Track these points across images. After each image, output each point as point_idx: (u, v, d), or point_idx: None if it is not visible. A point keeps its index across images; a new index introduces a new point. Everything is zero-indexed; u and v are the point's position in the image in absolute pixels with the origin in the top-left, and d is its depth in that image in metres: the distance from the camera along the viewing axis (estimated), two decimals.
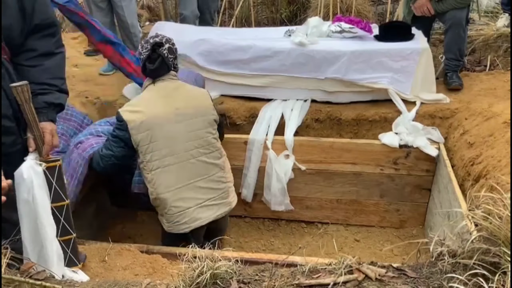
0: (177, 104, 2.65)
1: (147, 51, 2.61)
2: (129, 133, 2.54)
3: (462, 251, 1.24)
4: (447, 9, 3.68)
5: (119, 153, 2.63)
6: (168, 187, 2.62)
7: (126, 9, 4.09)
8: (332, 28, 3.73)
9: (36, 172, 1.69)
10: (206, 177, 2.72)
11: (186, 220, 2.65)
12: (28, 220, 1.70)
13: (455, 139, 3.24)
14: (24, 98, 1.71)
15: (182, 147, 2.64)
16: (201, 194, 2.70)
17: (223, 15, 5.80)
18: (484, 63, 4.44)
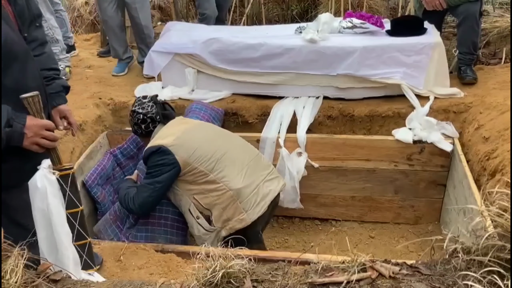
0: (191, 121, 2.85)
1: (153, 105, 2.77)
2: (172, 154, 2.55)
3: (476, 248, 1.23)
4: (460, 2, 3.62)
5: (157, 195, 2.62)
6: (235, 177, 2.65)
7: (140, 12, 4.10)
8: (343, 24, 3.70)
9: (50, 180, 1.71)
10: (256, 155, 2.85)
11: (261, 196, 2.69)
12: (43, 228, 1.73)
13: (470, 133, 3.20)
14: (35, 108, 1.71)
15: (220, 142, 2.74)
16: (260, 171, 2.77)
17: (234, 14, 5.80)
18: (499, 55, 4.37)
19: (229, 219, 2.63)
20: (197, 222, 2.64)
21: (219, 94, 3.79)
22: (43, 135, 1.72)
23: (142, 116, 2.75)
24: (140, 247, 2.46)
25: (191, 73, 3.80)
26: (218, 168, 2.61)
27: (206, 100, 3.76)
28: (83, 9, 6.39)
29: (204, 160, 2.59)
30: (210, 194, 2.61)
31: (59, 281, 1.47)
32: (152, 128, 2.77)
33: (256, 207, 2.66)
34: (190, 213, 2.66)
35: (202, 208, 2.64)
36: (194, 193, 2.63)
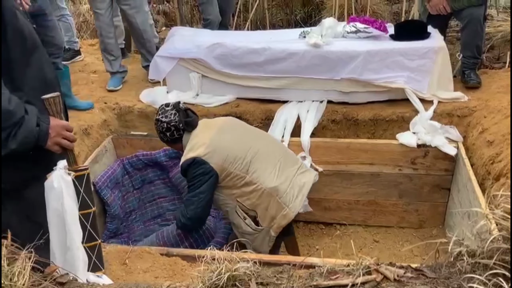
0: (215, 124, 2.84)
1: (175, 113, 2.76)
2: (208, 163, 2.60)
3: (481, 251, 1.23)
4: (464, 7, 3.63)
5: (205, 204, 2.65)
6: (269, 175, 2.70)
7: (137, 16, 4.07)
8: (347, 28, 3.72)
9: (66, 181, 1.74)
10: (284, 150, 2.93)
11: (297, 189, 2.75)
12: (57, 227, 1.75)
13: (474, 137, 3.20)
14: (56, 109, 1.74)
15: (249, 141, 2.78)
16: (291, 165, 2.84)
17: (238, 18, 5.84)
18: (503, 59, 4.37)
19: (274, 217, 2.70)
20: (245, 222, 2.72)
21: (223, 98, 3.81)
22: (64, 135, 1.76)
23: (166, 125, 2.77)
24: (145, 250, 2.46)
25: (196, 78, 3.82)
26: (252, 169, 2.67)
27: (211, 105, 3.78)
28: (88, 15, 6.44)
29: (238, 163, 2.65)
30: (251, 196, 2.68)
31: (66, 284, 1.49)
32: (178, 136, 2.78)
33: (296, 200, 2.73)
34: (237, 214, 2.73)
35: (246, 209, 2.71)
36: (236, 196, 2.70)
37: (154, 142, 3.61)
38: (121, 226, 3.43)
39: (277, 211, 2.69)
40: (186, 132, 2.79)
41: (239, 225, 2.76)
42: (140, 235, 3.50)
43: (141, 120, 3.86)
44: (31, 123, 1.66)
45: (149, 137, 3.68)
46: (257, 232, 2.73)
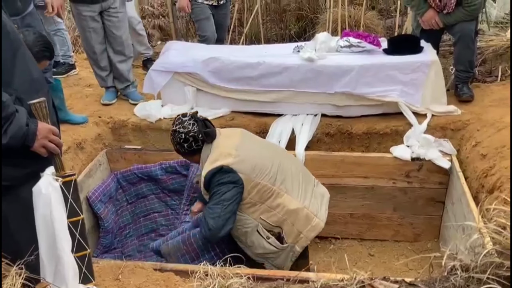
0: (235, 134, 2.73)
1: (194, 123, 2.61)
2: (235, 172, 2.46)
3: (475, 265, 1.23)
4: (456, 22, 3.68)
5: (229, 211, 2.46)
6: (294, 186, 2.62)
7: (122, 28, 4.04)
8: (340, 43, 3.75)
9: (54, 187, 1.73)
10: (301, 163, 2.89)
11: (319, 199, 2.71)
12: (45, 234, 1.73)
13: (468, 151, 3.22)
14: (42, 114, 1.77)
15: (271, 153, 2.69)
16: (309, 178, 2.79)
17: (233, 33, 5.87)
18: (495, 73, 4.41)
19: (301, 231, 2.57)
20: (268, 242, 2.55)
21: (218, 112, 3.82)
22: (50, 139, 1.78)
23: (184, 136, 2.60)
24: (139, 265, 2.44)
25: (191, 91, 3.83)
26: (279, 179, 2.56)
27: None
28: None
29: (266, 174, 2.53)
30: (277, 211, 2.53)
31: None
32: (196, 147, 2.62)
33: (321, 210, 2.68)
34: (259, 234, 2.55)
35: (271, 227, 2.55)
36: (260, 213, 2.54)
37: (148, 156, 3.61)
38: (115, 240, 3.40)
39: (305, 223, 2.57)
40: (205, 144, 2.63)
41: (259, 246, 2.57)
42: (133, 250, 3.47)
43: (135, 134, 3.86)
44: (21, 120, 1.70)
45: (143, 151, 3.68)
46: (280, 250, 2.58)
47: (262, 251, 2.59)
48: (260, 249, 2.58)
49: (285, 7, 6.21)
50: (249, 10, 5.83)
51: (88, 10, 3.79)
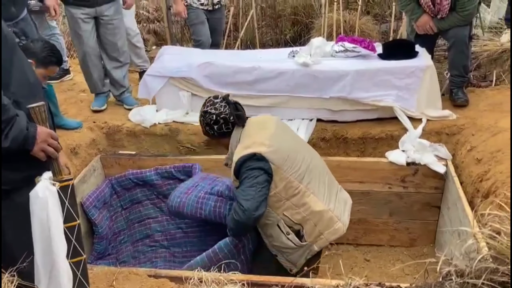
0: (270, 124, 2.62)
1: (225, 105, 2.57)
2: (268, 162, 2.39)
3: (470, 270, 1.22)
4: (450, 27, 3.69)
5: (262, 195, 2.38)
6: (321, 187, 2.55)
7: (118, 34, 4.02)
8: (335, 48, 3.75)
9: (51, 191, 1.72)
10: (326, 169, 2.75)
11: (343, 204, 2.65)
12: (41, 239, 1.72)
13: (463, 155, 3.22)
14: (41, 118, 1.76)
15: (304, 150, 2.62)
16: (333, 181, 2.74)
17: (228, 38, 5.88)
18: (490, 78, 4.43)
19: (322, 232, 2.51)
20: (287, 238, 2.50)
21: None
22: (49, 143, 1.78)
23: (214, 117, 2.55)
24: (133, 272, 2.42)
25: (186, 96, 3.82)
26: (307, 178, 2.49)
27: None
28: None
29: (295, 170, 2.45)
30: (301, 209, 2.47)
31: None
32: (225, 130, 2.57)
33: (345, 214, 2.63)
34: (279, 228, 2.50)
35: (292, 224, 2.49)
36: (284, 209, 2.47)
37: (143, 162, 3.60)
38: (109, 247, 3.38)
39: (328, 226, 2.51)
40: (236, 127, 2.58)
41: (277, 239, 2.52)
42: (128, 256, 3.45)
43: (130, 139, 3.85)
44: (21, 124, 1.71)
45: (137, 157, 3.66)
46: (298, 248, 2.52)
47: (279, 245, 2.55)
48: (278, 242, 2.54)
49: (280, 12, 6.23)
50: (244, 15, 5.85)
51: (81, 13, 3.77)
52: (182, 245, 3.45)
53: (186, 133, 3.78)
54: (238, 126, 2.59)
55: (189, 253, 3.41)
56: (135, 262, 3.42)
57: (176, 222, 3.48)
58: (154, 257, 3.47)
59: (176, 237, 3.48)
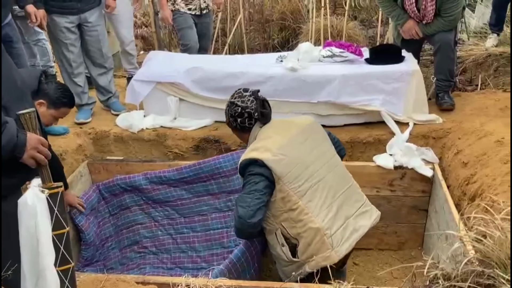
0: (292, 130, 2.56)
1: (253, 100, 2.53)
2: (269, 169, 2.34)
3: (456, 273, 1.23)
4: (435, 32, 3.74)
5: (259, 203, 2.32)
6: (324, 209, 2.41)
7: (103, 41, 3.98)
8: (323, 53, 3.77)
9: (40, 199, 1.70)
10: (350, 185, 2.62)
11: (350, 232, 2.46)
12: (29, 247, 1.69)
13: (449, 159, 3.25)
14: (31, 124, 1.73)
15: (317, 165, 2.49)
16: (352, 203, 2.57)
17: (216, 43, 5.88)
18: (475, 82, 4.49)
19: (314, 254, 2.40)
20: (281, 249, 2.46)
21: (201, 122, 3.81)
22: (39, 150, 1.75)
23: (240, 110, 2.52)
24: (120, 278, 2.39)
25: (174, 102, 3.81)
26: (309, 196, 2.39)
27: (189, 128, 3.77)
28: None
29: (297, 185, 2.37)
30: (297, 225, 2.39)
31: None
32: (248, 125, 2.53)
33: (345, 244, 2.43)
34: (276, 237, 2.46)
35: (289, 236, 2.43)
36: (281, 220, 2.41)
37: (130, 167, 3.57)
38: (97, 253, 3.34)
39: (319, 250, 2.39)
40: (257, 123, 2.54)
41: (274, 247, 2.49)
42: (115, 263, 3.41)
43: (117, 145, 3.82)
44: (11, 131, 1.68)
45: (125, 162, 3.63)
46: (290, 262, 2.47)
47: (274, 253, 2.52)
48: (273, 251, 2.52)
49: (268, 17, 6.25)
50: (232, 20, 5.86)
51: (66, 21, 3.71)
52: (171, 251, 3.43)
53: (174, 138, 3.76)
54: (259, 124, 2.54)
55: (178, 259, 3.39)
56: (123, 269, 3.39)
57: (165, 228, 3.45)
58: (143, 264, 3.44)
59: (165, 243, 3.46)
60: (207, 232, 3.36)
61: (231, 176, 3.23)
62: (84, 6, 3.74)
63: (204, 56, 4.63)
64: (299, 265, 2.44)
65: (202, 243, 3.37)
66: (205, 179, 3.28)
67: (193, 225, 3.41)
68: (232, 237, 3.21)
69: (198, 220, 3.40)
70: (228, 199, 3.30)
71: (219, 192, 3.32)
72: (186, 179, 3.32)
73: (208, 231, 3.37)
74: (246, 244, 2.57)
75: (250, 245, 2.57)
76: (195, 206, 3.39)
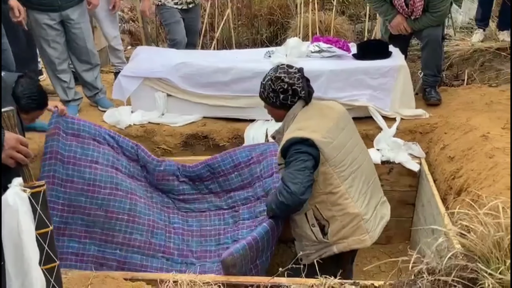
0: (332, 115, 2.50)
1: (300, 77, 2.42)
2: (318, 150, 2.29)
3: (440, 268, 1.25)
4: (423, 27, 3.76)
5: (309, 180, 2.30)
6: (362, 195, 2.45)
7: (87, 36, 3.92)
8: (311, 48, 3.78)
9: (22, 198, 1.68)
10: (376, 175, 2.65)
11: (379, 218, 2.52)
12: (12, 248, 1.68)
13: (436, 153, 3.28)
14: (10, 123, 1.70)
15: (357, 151, 2.50)
16: (377, 192, 2.62)
17: (204, 38, 5.86)
18: (462, 77, 4.54)
19: (347, 237, 2.41)
20: (311, 229, 2.43)
21: (189, 117, 3.79)
22: (18, 149, 1.71)
23: (286, 86, 2.37)
24: (109, 275, 2.39)
25: (161, 97, 3.79)
26: (350, 182, 2.39)
27: (177, 124, 3.76)
28: None
29: (341, 170, 2.35)
30: (334, 208, 2.38)
31: None
32: (290, 102, 2.40)
33: (376, 230, 2.49)
34: (306, 217, 2.43)
35: (320, 217, 2.41)
36: (316, 202, 2.39)
37: None
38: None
39: (354, 233, 2.40)
40: (299, 102, 2.42)
41: (301, 227, 2.47)
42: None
43: None
44: None
45: None
46: (318, 243, 2.45)
47: (300, 233, 2.50)
48: (300, 230, 2.49)
49: (256, 12, 6.23)
50: (220, 14, 5.84)
51: (47, 19, 3.65)
52: (158, 237, 3.08)
53: (162, 134, 3.75)
54: (302, 103, 2.45)
55: (166, 248, 3.08)
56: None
57: (154, 210, 3.14)
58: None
59: (153, 226, 3.08)
60: (202, 228, 3.19)
61: (229, 175, 3.20)
62: (64, 3, 3.67)
63: (191, 51, 4.61)
64: (325, 246, 2.45)
65: (195, 237, 3.15)
66: (208, 178, 3.24)
67: (189, 219, 3.24)
68: (229, 233, 3.07)
69: (195, 216, 3.26)
70: (228, 196, 3.24)
71: (221, 190, 3.26)
72: (191, 177, 3.26)
73: (204, 226, 3.20)
74: (271, 224, 2.51)
75: (274, 226, 2.52)
76: (196, 202, 3.28)
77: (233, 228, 3.05)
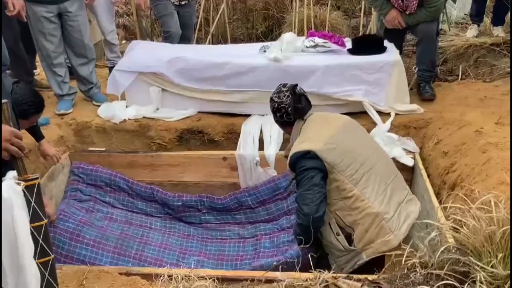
0: (336, 122, 2.63)
1: (289, 95, 2.59)
2: (321, 160, 2.38)
3: (433, 262, 1.26)
4: (418, 22, 3.76)
5: (320, 196, 2.38)
6: (379, 195, 2.45)
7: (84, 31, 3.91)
8: (306, 43, 3.78)
9: (16, 191, 1.67)
10: (396, 173, 2.67)
11: (404, 217, 2.50)
12: (7, 241, 1.68)
13: (430, 148, 3.30)
14: (4, 116, 1.69)
15: (368, 153, 2.56)
16: (400, 190, 2.62)
17: (199, 32, 5.84)
18: (456, 72, 4.55)
19: (372, 240, 2.41)
20: (336, 238, 2.47)
21: (184, 112, 3.79)
22: (12, 142, 1.71)
23: (276, 105, 2.62)
24: (104, 270, 2.39)
25: (156, 92, 3.78)
26: (364, 183, 2.43)
27: (171, 119, 3.75)
28: None
29: (351, 172, 2.42)
30: (353, 212, 2.42)
31: None
32: (287, 119, 2.62)
33: (402, 228, 2.47)
34: (330, 227, 2.48)
35: (343, 225, 2.45)
36: (336, 209, 2.45)
37: (113, 158, 3.55)
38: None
39: (378, 235, 2.41)
40: (298, 120, 2.61)
41: (327, 238, 2.51)
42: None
43: (99, 136, 3.78)
44: None
45: (107, 153, 3.60)
46: (346, 252, 2.47)
47: (328, 244, 2.53)
48: (327, 241, 2.53)
49: (251, 6, 6.21)
50: (215, 9, 5.81)
51: (45, 11, 3.64)
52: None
53: (156, 129, 3.74)
54: (299, 119, 2.60)
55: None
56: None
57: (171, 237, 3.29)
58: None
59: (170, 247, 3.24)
60: (220, 252, 3.18)
61: (256, 209, 3.35)
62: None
63: (186, 46, 4.59)
64: (355, 254, 2.46)
65: (211, 260, 3.13)
66: (235, 210, 3.37)
67: (208, 244, 3.27)
68: (247, 260, 3.06)
69: (215, 241, 3.30)
70: (253, 226, 3.32)
71: (246, 221, 3.37)
72: (217, 208, 3.39)
73: (222, 252, 3.19)
74: (302, 250, 2.56)
75: (305, 252, 2.53)
76: (218, 231, 3.36)
77: (252, 255, 3.06)
